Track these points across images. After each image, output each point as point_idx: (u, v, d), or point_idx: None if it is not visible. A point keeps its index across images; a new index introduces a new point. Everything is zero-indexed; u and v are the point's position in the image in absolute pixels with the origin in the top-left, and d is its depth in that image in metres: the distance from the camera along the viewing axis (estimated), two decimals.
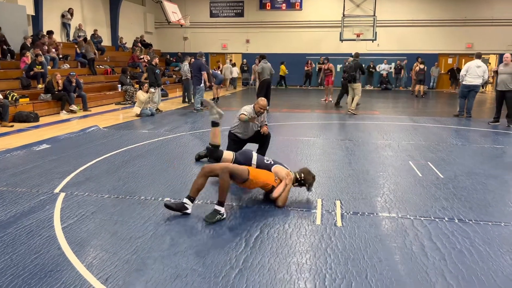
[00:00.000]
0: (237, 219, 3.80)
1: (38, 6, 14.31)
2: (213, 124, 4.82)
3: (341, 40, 20.34)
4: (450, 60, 22.19)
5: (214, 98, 13.88)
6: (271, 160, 4.51)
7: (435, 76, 21.45)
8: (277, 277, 2.81)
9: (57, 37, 15.19)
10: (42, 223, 3.66)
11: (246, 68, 22.70)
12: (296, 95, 18.26)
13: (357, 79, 11.28)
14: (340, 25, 20.27)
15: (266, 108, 5.57)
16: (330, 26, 21.76)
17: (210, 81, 11.58)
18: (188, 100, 13.96)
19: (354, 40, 20.36)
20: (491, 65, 22.15)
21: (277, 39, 22.93)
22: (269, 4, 22.75)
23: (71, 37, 16.44)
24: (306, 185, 4.31)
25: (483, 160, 6.18)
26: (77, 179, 5.02)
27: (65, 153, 6.40)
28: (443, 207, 4.14)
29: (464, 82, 10.50)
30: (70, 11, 16.18)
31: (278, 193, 4.08)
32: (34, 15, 14.31)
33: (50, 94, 10.78)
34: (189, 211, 3.85)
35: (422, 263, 3.00)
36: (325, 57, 15.22)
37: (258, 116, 5.55)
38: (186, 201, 3.86)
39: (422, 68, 16.92)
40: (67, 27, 16.27)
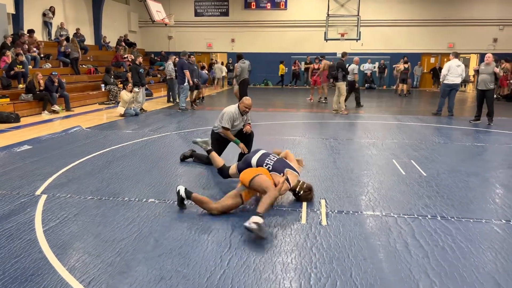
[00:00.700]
0: (222, 219, 3.78)
1: (18, 4, 14.02)
2: (208, 152, 5.05)
3: (326, 40, 20.49)
4: (432, 59, 22.54)
5: (200, 98, 13.78)
6: (270, 166, 4.23)
7: (418, 75, 21.76)
8: (263, 277, 2.80)
9: (38, 36, 14.92)
10: (22, 226, 3.58)
11: (232, 68, 22.66)
12: (283, 94, 18.30)
13: (339, 79, 11.36)
14: (325, 24, 20.40)
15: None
16: (314, 26, 21.87)
17: (192, 80, 11.53)
18: (173, 99, 13.88)
19: (339, 39, 20.52)
20: (468, 66, 22.56)
21: (262, 38, 22.96)
22: (254, 3, 22.75)
23: (53, 36, 16.16)
24: (299, 197, 4.21)
25: (465, 158, 6.29)
26: (59, 180, 4.94)
27: (47, 154, 6.29)
28: (426, 204, 4.20)
29: (446, 82, 10.68)
30: (51, 9, 15.91)
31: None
32: (15, 13, 14.01)
33: (32, 94, 10.58)
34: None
35: (405, 260, 3.03)
36: (321, 56, 15.06)
37: (243, 115, 5.53)
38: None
39: (406, 68, 17.16)
40: (48, 25, 15.98)
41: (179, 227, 3.60)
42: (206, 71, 17.87)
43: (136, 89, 10.76)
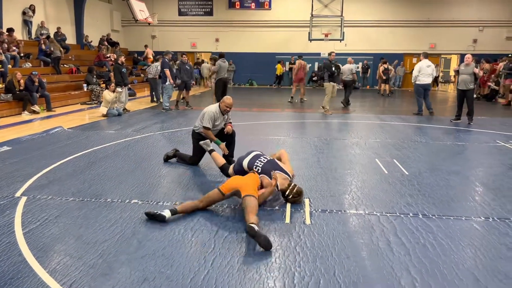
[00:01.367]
0: (206, 219, 3.77)
1: None
2: (210, 152, 5.13)
3: (310, 40, 20.59)
4: (414, 59, 22.84)
5: (186, 102, 13.53)
6: (260, 168, 4.29)
7: (400, 75, 22.05)
8: (247, 276, 2.80)
9: (18, 34, 14.60)
10: (1, 228, 3.50)
11: None
12: (267, 94, 18.33)
13: (325, 79, 11.48)
14: (309, 25, 20.50)
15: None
16: (299, 26, 21.96)
17: (172, 79, 11.49)
18: (156, 99, 13.76)
19: (323, 40, 20.65)
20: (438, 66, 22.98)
21: (246, 38, 22.95)
22: (238, 3, 22.72)
23: (33, 35, 15.85)
24: (288, 199, 4.19)
25: (446, 156, 6.40)
26: (39, 182, 4.85)
27: (27, 155, 6.17)
28: (408, 203, 4.26)
29: (418, 82, 10.92)
30: (31, 7, 15.59)
31: (259, 193, 4.04)
32: None
33: (11, 94, 10.35)
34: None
35: (388, 258, 3.07)
36: (298, 56, 15.23)
37: (224, 115, 5.52)
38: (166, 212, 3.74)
39: (386, 68, 17.38)
40: (28, 24, 15.67)
41: (162, 228, 3.57)
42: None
43: (119, 89, 10.63)
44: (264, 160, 4.39)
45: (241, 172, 4.47)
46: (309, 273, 2.86)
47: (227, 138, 5.64)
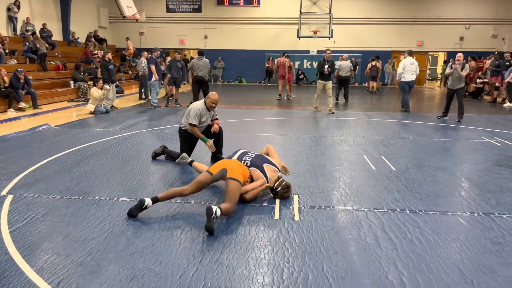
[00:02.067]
0: (195, 216, 3.77)
1: None
2: (190, 164, 5.13)
3: (299, 37, 20.63)
4: (402, 57, 22.99)
5: (175, 99, 13.38)
6: (248, 162, 4.34)
7: (389, 73, 22.17)
8: (236, 273, 2.81)
9: (2, 31, 14.36)
10: None
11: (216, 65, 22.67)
12: (256, 91, 18.32)
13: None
14: (298, 22, 20.53)
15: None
16: (287, 23, 21.97)
17: (157, 75, 11.42)
18: (145, 96, 13.66)
19: (311, 37, 20.67)
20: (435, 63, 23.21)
21: (235, 35, 22.88)
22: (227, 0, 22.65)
23: (18, 31, 15.59)
24: (276, 194, 4.23)
25: (433, 153, 6.48)
26: (26, 180, 4.79)
27: (13, 153, 6.08)
28: (395, 198, 4.31)
29: (403, 80, 11.06)
30: (16, 3, 15.32)
31: (251, 187, 4.08)
32: None
33: None
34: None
35: (375, 253, 3.11)
36: (282, 53, 15.29)
37: (209, 111, 5.51)
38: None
39: (374, 65, 17.51)
40: (13, 20, 15.39)
41: (151, 225, 3.56)
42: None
43: (107, 86, 10.54)
44: (252, 155, 4.43)
45: None
46: (297, 268, 2.88)
47: (214, 135, 5.65)
